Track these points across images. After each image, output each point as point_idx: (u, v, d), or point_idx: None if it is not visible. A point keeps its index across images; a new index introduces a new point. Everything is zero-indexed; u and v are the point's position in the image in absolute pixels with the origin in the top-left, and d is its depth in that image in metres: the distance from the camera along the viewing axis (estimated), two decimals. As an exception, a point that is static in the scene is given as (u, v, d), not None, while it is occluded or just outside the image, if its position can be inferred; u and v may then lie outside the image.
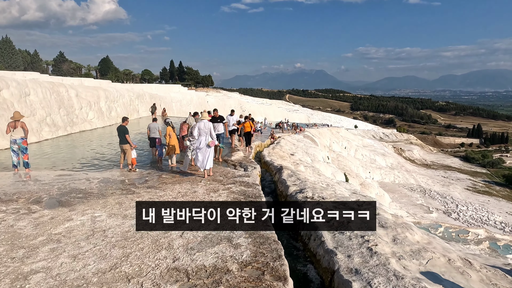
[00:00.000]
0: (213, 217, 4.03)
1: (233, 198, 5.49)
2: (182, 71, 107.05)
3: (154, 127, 10.39)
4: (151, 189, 6.41)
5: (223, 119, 11.06)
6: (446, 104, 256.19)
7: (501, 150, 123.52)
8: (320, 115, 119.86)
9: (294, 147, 25.71)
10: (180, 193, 5.98)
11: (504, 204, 49.32)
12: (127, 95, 30.63)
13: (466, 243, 24.45)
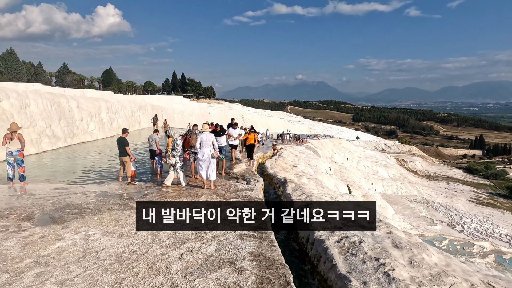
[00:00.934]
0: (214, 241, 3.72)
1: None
2: (184, 82, 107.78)
3: (151, 139, 10.17)
4: (150, 204, 6.12)
5: (225, 132, 10.81)
6: (448, 116, 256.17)
7: (504, 162, 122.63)
8: (322, 126, 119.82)
9: (296, 159, 25.41)
10: (180, 208, 5.69)
11: (509, 216, 48.52)
12: (128, 106, 30.59)
13: (472, 256, 23.85)
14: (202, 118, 57.51)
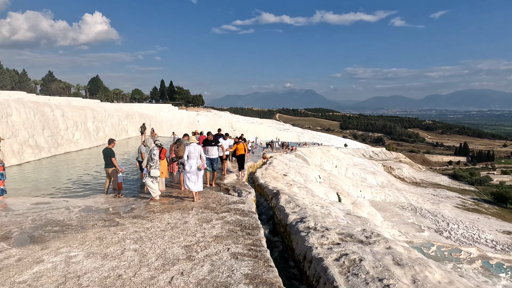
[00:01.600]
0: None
1: (228, 230, 4.94)
2: (172, 90, 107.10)
3: (140, 150, 9.87)
4: (137, 219, 5.81)
5: (218, 142, 10.11)
6: (433, 123, 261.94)
7: (487, 168, 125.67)
8: (310, 134, 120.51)
9: (286, 167, 25.28)
10: (170, 224, 5.39)
11: (494, 221, 49.43)
12: (115, 115, 30.01)
13: (459, 262, 24.03)
14: (191, 126, 57.04)
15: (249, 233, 4.77)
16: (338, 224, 5.49)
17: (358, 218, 16.93)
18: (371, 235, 4.57)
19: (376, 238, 4.43)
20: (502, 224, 48.70)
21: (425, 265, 3.62)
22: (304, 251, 4.13)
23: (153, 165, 7.58)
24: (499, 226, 46.75)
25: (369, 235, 4.58)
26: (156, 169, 7.57)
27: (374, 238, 4.44)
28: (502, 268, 23.86)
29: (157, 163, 7.62)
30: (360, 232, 4.76)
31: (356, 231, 4.85)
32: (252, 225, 5.16)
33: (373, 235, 4.58)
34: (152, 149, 7.65)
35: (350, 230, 4.93)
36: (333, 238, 4.39)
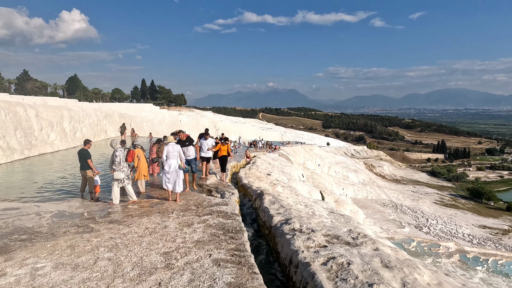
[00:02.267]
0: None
1: (210, 235, 4.70)
2: (154, 90, 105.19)
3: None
4: (113, 224, 5.48)
5: (192, 142, 9.43)
6: (412, 122, 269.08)
7: (464, 165, 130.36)
8: (293, 133, 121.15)
9: (270, 167, 25.17)
10: (148, 229, 5.09)
11: (470, 216, 51.24)
12: (94, 115, 29.04)
13: (438, 257, 24.66)
14: (173, 126, 56.12)
15: (233, 237, 4.55)
16: (323, 225, 5.36)
17: (342, 216, 16.96)
18: (357, 236, 4.45)
19: (363, 239, 4.31)
20: (478, 218, 50.54)
21: (413, 267, 3.52)
22: (290, 255, 3.96)
23: (115, 167, 7.26)
24: (475, 220, 48.49)
25: (356, 236, 4.47)
26: (119, 172, 7.24)
27: (361, 239, 4.32)
28: (478, 261, 24.62)
29: (120, 165, 7.29)
30: (347, 233, 4.64)
31: (342, 232, 4.72)
32: (235, 228, 4.95)
33: (359, 236, 4.47)
34: (115, 151, 7.34)
35: (336, 231, 4.80)
36: (320, 240, 4.24)
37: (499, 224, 47.88)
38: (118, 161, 7.28)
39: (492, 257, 25.32)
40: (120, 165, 7.31)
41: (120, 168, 7.29)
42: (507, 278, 21.06)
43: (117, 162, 7.27)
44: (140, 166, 8.47)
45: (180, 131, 9.35)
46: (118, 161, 7.28)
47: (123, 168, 7.32)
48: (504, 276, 21.45)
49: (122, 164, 7.33)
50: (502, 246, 36.18)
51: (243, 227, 5.07)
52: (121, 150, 7.39)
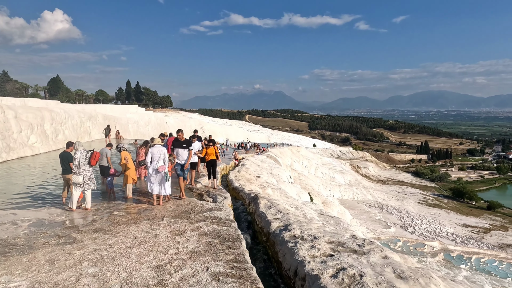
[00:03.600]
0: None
1: (205, 244, 4.34)
2: (139, 91, 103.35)
3: (102, 153, 8.95)
4: (98, 233, 5.03)
5: (190, 144, 8.40)
6: (396, 123, 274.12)
7: (446, 165, 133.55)
8: (280, 134, 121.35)
9: (259, 169, 24.92)
10: (137, 239, 4.67)
11: (453, 215, 52.41)
12: (77, 116, 28.06)
13: (424, 256, 24.96)
14: (159, 128, 55.11)
15: (230, 246, 4.21)
16: (324, 230, 5.08)
17: (332, 218, 16.79)
18: (363, 243, 4.19)
19: (369, 246, 4.05)
20: (460, 217, 51.73)
21: (428, 277, 3.27)
22: (294, 266, 3.66)
23: (75, 170, 6.81)
24: (458, 219, 49.61)
25: (362, 243, 4.21)
26: (78, 175, 6.78)
27: (368, 246, 4.07)
28: (462, 260, 25.07)
29: (80, 169, 6.82)
30: (351, 239, 4.38)
31: (346, 239, 4.46)
32: (232, 236, 4.60)
33: (365, 243, 4.21)
34: (76, 152, 6.92)
35: (340, 237, 4.53)
36: (324, 248, 3.96)
37: (480, 223, 49.12)
38: (77, 164, 6.83)
39: (475, 255, 25.82)
40: (80, 168, 6.83)
41: (79, 172, 6.82)
42: (489, 276, 21.52)
43: (76, 165, 6.83)
44: (127, 170, 8.01)
45: (180, 131, 8.64)
46: (77, 164, 6.83)
47: (83, 172, 6.85)
48: (486, 274, 21.92)
49: (82, 167, 6.85)
50: (484, 244, 37.09)
51: (240, 234, 4.73)
52: (81, 152, 6.92)
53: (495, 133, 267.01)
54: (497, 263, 24.37)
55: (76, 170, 6.81)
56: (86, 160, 6.86)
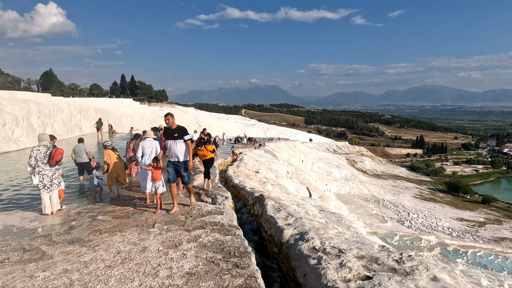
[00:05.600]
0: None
1: (206, 261, 3.46)
2: (134, 85, 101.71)
3: (80, 150, 8.03)
4: (74, 245, 4.12)
5: (185, 133, 5.89)
6: (392, 118, 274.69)
7: (441, 160, 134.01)
8: (276, 129, 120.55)
9: (257, 164, 24.18)
10: (121, 254, 3.77)
11: (448, 209, 52.40)
12: (67, 109, 26.88)
13: (420, 250, 24.62)
14: (154, 122, 53.92)
15: (237, 264, 3.34)
16: (345, 238, 4.26)
17: (333, 215, 15.95)
18: (401, 258, 3.38)
19: (411, 263, 3.24)
20: (456, 211, 51.74)
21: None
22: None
23: (30, 170, 5.75)
24: (453, 213, 49.58)
25: (399, 258, 3.39)
26: (35, 176, 5.71)
27: (409, 263, 3.25)
28: (458, 254, 24.85)
29: (38, 167, 5.76)
30: (385, 253, 3.56)
31: (377, 251, 3.63)
32: (238, 249, 3.74)
33: (404, 257, 3.40)
34: (33, 149, 5.82)
35: (369, 250, 3.70)
36: (356, 266, 3.14)
37: (475, 217, 49.16)
38: (32, 163, 5.71)
39: (471, 249, 25.60)
40: (39, 167, 5.75)
41: (37, 171, 5.75)
42: (485, 270, 21.32)
43: (31, 165, 5.72)
44: (112, 170, 7.00)
45: (168, 114, 7.40)
46: (32, 164, 5.71)
47: (42, 171, 5.79)
48: (482, 268, 21.74)
49: (41, 166, 5.77)
50: (480, 238, 37.00)
51: (247, 246, 3.86)
52: (38, 149, 5.81)
53: (489, 127, 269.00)
54: (493, 257, 24.18)
55: (32, 170, 5.73)
56: (46, 158, 5.79)
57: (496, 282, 19.23)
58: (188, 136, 5.74)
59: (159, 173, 5.92)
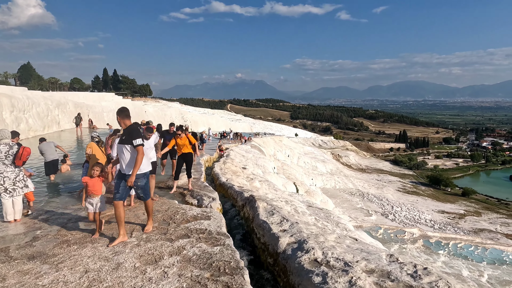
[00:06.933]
0: None
1: (191, 281, 2.91)
2: (117, 80, 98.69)
3: (49, 147, 7.32)
4: (34, 262, 3.48)
5: (136, 135, 4.39)
6: (375, 112, 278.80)
7: (423, 154, 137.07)
8: (262, 124, 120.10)
9: (244, 159, 23.69)
10: (88, 273, 3.15)
11: (430, 202, 53.61)
12: (43, 103, 25.52)
13: (404, 243, 24.92)
14: (137, 117, 52.40)
15: (228, 285, 2.81)
16: (347, 246, 3.81)
17: (321, 211, 15.60)
18: (416, 271, 2.95)
19: (429, 278, 2.81)
20: (437, 204, 52.97)
21: None
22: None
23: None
24: (435, 206, 50.73)
25: (414, 272, 2.96)
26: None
27: (426, 278, 2.82)
28: (440, 246, 25.32)
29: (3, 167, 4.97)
30: (395, 264, 3.12)
31: (386, 262, 3.19)
32: (229, 264, 3.21)
33: (419, 270, 2.97)
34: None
35: (378, 261, 3.25)
36: (368, 285, 2.68)
37: (456, 209, 50.47)
38: (113, 155, 5.05)
39: (452, 241, 26.08)
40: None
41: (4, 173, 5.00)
42: (466, 261, 21.84)
43: (113, 156, 5.07)
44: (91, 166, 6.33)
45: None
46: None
47: (3, 173, 5.04)
48: (463, 259, 22.25)
49: (1, 168, 5.00)
50: (460, 230, 38.00)
51: (239, 260, 3.33)
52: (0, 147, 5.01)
53: (469, 122, 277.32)
54: (473, 248, 24.73)
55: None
56: (9, 158, 5.02)
57: (476, 272, 19.70)
58: (138, 140, 4.26)
59: (97, 184, 4.50)
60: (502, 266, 20.91)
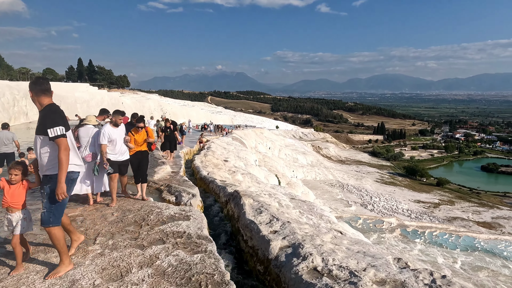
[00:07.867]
0: None
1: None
2: (92, 70, 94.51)
3: (7, 137, 6.48)
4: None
5: (50, 123, 2.91)
6: (355, 105, 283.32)
7: (400, 145, 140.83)
8: (243, 116, 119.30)
9: (225, 152, 23.09)
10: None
11: (407, 192, 55.25)
12: (8, 93, 23.81)
13: (382, 232, 25.38)
14: (113, 108, 50.45)
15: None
16: (347, 248, 3.34)
17: (304, 203, 15.21)
18: (435, 281, 2.49)
19: None
20: (413, 194, 54.63)
21: None
22: None
23: None
24: (411, 196, 52.31)
25: (433, 282, 2.49)
26: None
27: (437, 282, 2.37)
28: (417, 234, 26.02)
29: None
30: (408, 272, 2.66)
31: (397, 270, 2.73)
32: (212, 278, 2.63)
33: (436, 278, 2.52)
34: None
35: (387, 268, 2.79)
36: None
37: (431, 198, 52.26)
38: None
39: (428, 230, 26.83)
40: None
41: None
42: (441, 248, 22.63)
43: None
44: None
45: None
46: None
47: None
48: (438, 246, 23.03)
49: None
50: (436, 218, 39.37)
51: (224, 272, 2.75)
52: None
53: (443, 114, 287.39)
54: (447, 236, 25.55)
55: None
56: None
57: (451, 259, 20.39)
58: (57, 129, 2.88)
59: (17, 193, 3.01)
60: (474, 253, 21.78)
